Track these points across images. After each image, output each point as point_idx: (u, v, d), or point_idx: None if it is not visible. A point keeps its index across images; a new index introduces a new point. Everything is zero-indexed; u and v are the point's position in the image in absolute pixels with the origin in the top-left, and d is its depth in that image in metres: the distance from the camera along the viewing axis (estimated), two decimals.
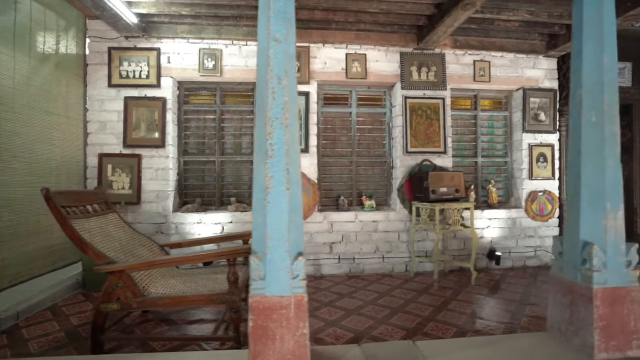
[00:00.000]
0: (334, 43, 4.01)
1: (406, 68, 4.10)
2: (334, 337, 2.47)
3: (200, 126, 4.15)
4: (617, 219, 1.75)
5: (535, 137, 4.34)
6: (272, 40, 1.59)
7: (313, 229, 3.97)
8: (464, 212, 4.00)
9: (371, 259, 4.05)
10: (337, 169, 4.26)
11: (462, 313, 2.89)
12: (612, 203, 1.75)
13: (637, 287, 1.74)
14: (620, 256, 1.75)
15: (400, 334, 2.50)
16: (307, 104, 3.97)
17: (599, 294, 1.71)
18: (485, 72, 4.22)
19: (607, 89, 1.78)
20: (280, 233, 1.61)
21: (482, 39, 4.17)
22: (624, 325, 1.73)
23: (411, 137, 4.08)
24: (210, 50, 3.89)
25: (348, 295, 3.33)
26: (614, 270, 1.74)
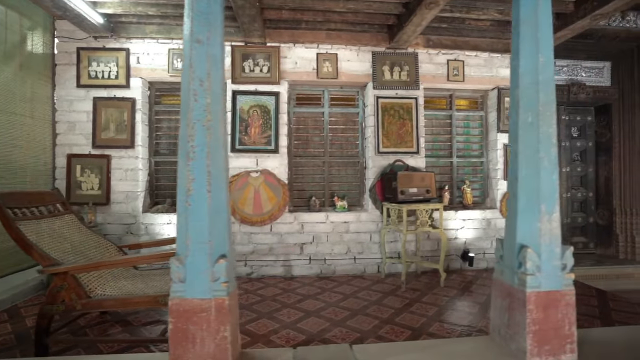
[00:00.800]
0: (304, 43, 3.98)
1: (378, 67, 4.07)
2: (286, 339, 2.45)
3: (172, 127, 4.14)
4: (552, 222, 1.71)
5: None
6: (194, 42, 1.57)
7: (283, 230, 3.95)
8: (436, 213, 3.98)
9: (342, 260, 4.02)
10: (310, 170, 4.24)
11: (423, 315, 2.85)
12: (547, 205, 1.71)
13: (572, 290, 1.70)
14: (555, 259, 1.71)
15: (353, 337, 2.47)
16: (277, 104, 3.95)
17: (532, 297, 1.67)
18: (459, 72, 4.18)
19: (543, 89, 1.74)
20: (201, 235, 1.58)
21: (456, 38, 4.13)
22: (558, 330, 1.69)
23: (383, 137, 4.04)
24: (179, 50, 3.87)
25: (313, 297, 3.30)
26: (548, 274, 1.70)
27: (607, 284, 4.44)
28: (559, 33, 3.68)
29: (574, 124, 5.20)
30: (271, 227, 3.94)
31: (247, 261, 3.92)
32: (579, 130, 5.22)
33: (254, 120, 3.93)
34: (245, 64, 3.93)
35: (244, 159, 3.93)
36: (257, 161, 3.95)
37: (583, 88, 4.77)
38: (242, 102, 3.93)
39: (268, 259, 3.94)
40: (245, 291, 3.46)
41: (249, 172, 3.91)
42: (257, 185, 3.91)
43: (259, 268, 3.93)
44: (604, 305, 3.06)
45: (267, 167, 3.95)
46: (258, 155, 3.94)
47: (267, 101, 3.95)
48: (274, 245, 3.94)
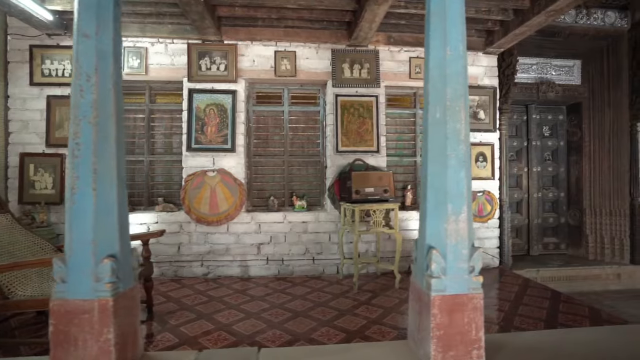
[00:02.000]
0: (262, 40, 3.93)
1: (338, 65, 4.01)
2: (216, 341, 2.39)
3: (131, 125, 4.09)
4: (459, 222, 1.65)
5: (475, 136, 4.23)
6: (82, 36, 1.51)
7: (240, 230, 3.90)
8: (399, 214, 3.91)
9: (301, 261, 3.96)
10: (270, 169, 4.18)
11: (365, 318, 2.79)
12: (454, 205, 1.65)
13: (480, 294, 1.64)
14: (461, 262, 1.65)
15: (284, 340, 2.41)
16: (234, 102, 3.90)
17: (437, 301, 1.61)
18: (421, 69, 4.11)
19: (450, 83, 1.68)
20: (84, 235, 1.53)
21: (418, 35, 4.06)
22: (465, 335, 1.63)
23: (342, 136, 3.99)
24: (135, 48, 3.83)
25: (261, 298, 3.25)
26: (454, 277, 1.64)
27: (574, 285, 4.38)
28: (517, 30, 3.62)
29: (545, 122, 5.13)
30: (228, 227, 3.89)
31: (203, 261, 3.87)
32: (551, 130, 5.15)
33: (211, 119, 3.88)
34: (201, 62, 3.88)
35: (200, 158, 3.88)
36: (213, 160, 3.90)
37: (552, 86, 4.70)
38: (198, 101, 3.88)
39: (225, 259, 3.88)
40: (195, 292, 3.41)
41: (205, 171, 3.86)
42: (213, 185, 3.86)
43: (215, 268, 3.88)
44: (553, 308, 2.99)
45: (224, 166, 3.90)
46: (215, 154, 3.89)
47: (223, 100, 3.90)
48: (230, 246, 3.89)
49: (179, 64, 3.87)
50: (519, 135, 5.04)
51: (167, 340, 2.39)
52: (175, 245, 3.85)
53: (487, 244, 4.23)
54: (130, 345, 1.63)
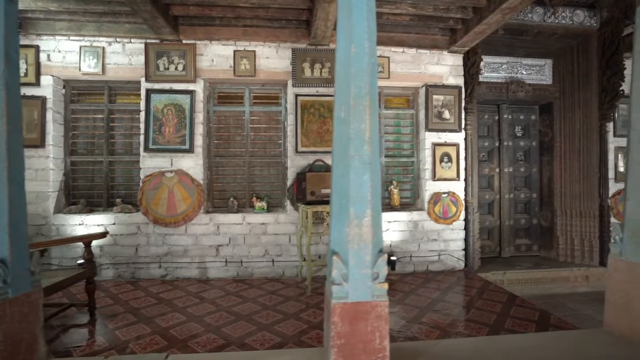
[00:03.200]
0: (220, 40, 3.88)
1: (298, 65, 3.96)
2: (146, 345, 2.35)
3: (90, 126, 4.06)
4: (362, 227, 1.60)
5: (440, 136, 4.17)
6: None
7: (199, 231, 3.85)
8: None
9: (260, 263, 3.91)
10: (231, 170, 4.14)
11: (307, 322, 2.74)
12: (356, 208, 1.59)
13: (384, 301, 1.59)
14: (364, 268, 1.59)
15: (217, 344, 2.37)
16: (193, 103, 3.85)
17: (337, 309, 1.56)
18: (384, 68, 4.06)
19: (355, 82, 1.62)
20: None
21: (379, 33, 4.00)
22: (368, 344, 1.58)
23: (302, 136, 3.94)
24: (92, 47, 3.79)
25: (210, 301, 3.20)
26: (357, 283, 1.58)
27: (541, 287, 4.31)
28: (477, 28, 3.55)
29: (518, 122, 5.06)
30: (186, 229, 3.85)
31: (161, 263, 3.83)
32: (523, 130, 5.08)
33: (169, 119, 3.84)
34: (159, 62, 3.83)
35: (158, 158, 3.84)
36: (171, 161, 3.85)
37: (522, 86, 4.63)
38: (156, 101, 3.84)
39: (183, 261, 3.84)
40: (147, 294, 3.37)
41: (163, 172, 3.82)
42: (171, 186, 3.82)
43: (173, 270, 3.84)
44: (504, 312, 2.93)
45: (182, 167, 3.85)
46: (173, 155, 3.85)
47: (182, 100, 3.86)
48: (189, 247, 3.85)
49: (136, 64, 3.83)
50: (490, 136, 4.97)
51: (96, 345, 2.35)
52: (132, 246, 3.82)
53: (452, 246, 4.17)
54: (24, 353, 1.58)
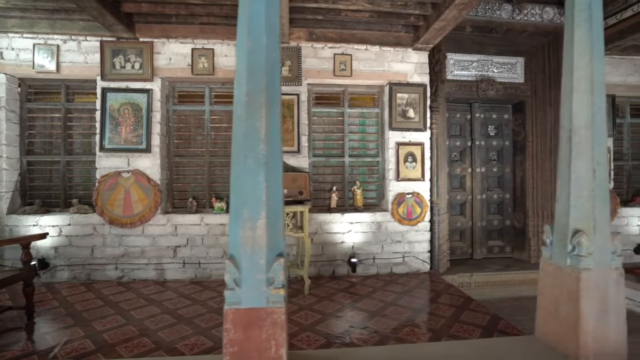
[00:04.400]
0: (177, 38, 3.81)
1: None
2: (72, 350, 2.28)
3: (47, 125, 4.00)
4: (256, 229, 1.52)
5: (404, 135, 4.08)
6: None
7: (156, 232, 3.79)
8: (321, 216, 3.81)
9: (219, 264, 3.84)
10: (192, 170, 4.07)
11: None
12: (250, 211, 1.52)
13: (281, 308, 1.51)
14: (259, 272, 1.52)
15: (146, 349, 2.30)
16: (150, 102, 3.79)
17: (230, 315, 1.49)
18: (346, 66, 3.98)
19: (251, 77, 1.56)
20: None
21: (342, 31, 3.93)
22: (263, 352, 1.50)
23: None
24: (46, 45, 3.73)
25: (158, 303, 3.13)
26: (251, 289, 1.51)
27: (510, 290, 4.22)
28: (436, 24, 3.46)
29: (491, 121, 4.96)
30: (143, 229, 3.78)
31: (117, 264, 3.77)
32: (496, 129, 4.98)
33: (125, 118, 3.78)
34: (115, 60, 3.77)
35: (114, 158, 3.77)
36: (128, 161, 3.79)
37: (492, 84, 4.53)
38: (112, 100, 3.77)
39: (140, 262, 3.78)
40: (97, 296, 3.30)
41: (119, 172, 3.75)
42: (127, 186, 3.75)
43: (130, 271, 3.77)
44: (454, 317, 2.84)
45: (139, 167, 3.79)
46: (129, 154, 3.78)
47: (139, 99, 3.79)
48: (146, 248, 3.78)
49: (92, 62, 3.77)
50: (462, 135, 4.87)
51: (19, 350, 2.29)
52: (88, 247, 3.75)
53: (417, 248, 4.08)
54: None
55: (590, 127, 1.77)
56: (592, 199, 1.74)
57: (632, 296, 3.72)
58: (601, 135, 1.78)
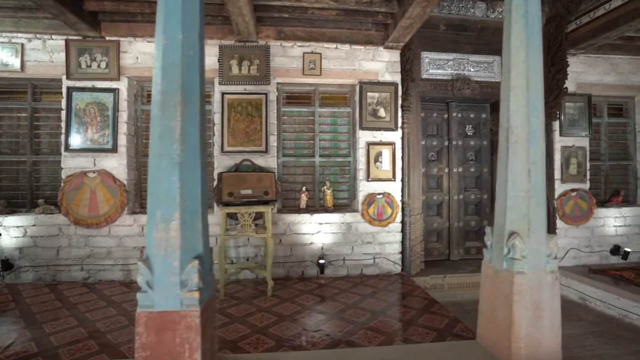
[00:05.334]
0: (144, 37, 3.78)
1: (225, 62, 3.84)
2: (11, 352, 2.25)
3: (14, 124, 3.97)
4: (169, 231, 1.48)
5: (374, 135, 4.03)
6: None
7: (122, 233, 3.75)
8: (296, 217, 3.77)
9: None
10: None
11: None
12: (163, 211, 1.48)
13: (195, 311, 1.47)
14: (172, 275, 1.47)
15: (89, 352, 2.26)
16: (116, 101, 3.75)
17: (142, 318, 1.45)
18: (316, 65, 3.93)
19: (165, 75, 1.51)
20: None
21: (311, 29, 3.88)
22: (176, 357, 1.46)
23: (229, 135, 3.82)
24: (10, 44, 3.70)
25: (116, 305, 3.10)
26: (164, 291, 1.47)
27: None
28: (402, 22, 3.41)
29: (468, 121, 4.90)
30: (109, 230, 3.74)
31: (83, 265, 3.73)
32: (474, 128, 4.93)
33: (91, 118, 3.74)
34: (81, 59, 3.73)
35: (80, 158, 3.74)
36: (94, 161, 3.75)
37: (467, 83, 4.47)
38: (77, 99, 3.74)
39: (106, 263, 3.74)
40: (58, 297, 3.26)
41: (85, 172, 3.72)
42: (93, 186, 3.72)
43: (96, 272, 3.74)
44: (414, 320, 2.79)
45: (105, 167, 3.75)
46: (95, 154, 3.75)
47: (105, 98, 3.75)
48: (112, 249, 3.75)
49: (58, 61, 3.74)
50: (439, 135, 4.82)
51: None
52: (53, 248, 3.72)
53: (388, 249, 4.03)
54: None
55: (526, 126, 1.72)
56: (527, 200, 1.69)
57: (603, 298, 3.66)
58: (537, 135, 1.73)
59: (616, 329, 3.31)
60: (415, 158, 4.19)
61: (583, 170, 4.37)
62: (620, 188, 4.66)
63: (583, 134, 4.38)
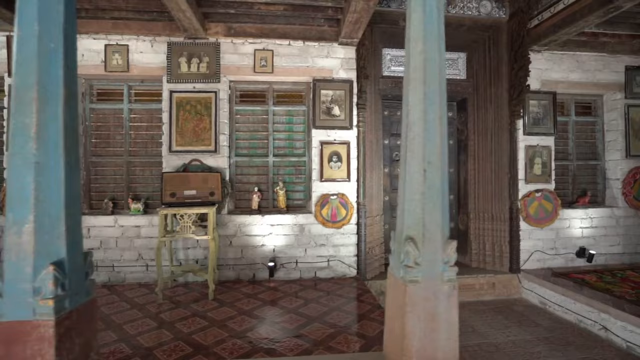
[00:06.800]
0: (89, 33, 3.69)
1: (174, 59, 3.74)
2: None
3: None
4: (22, 234, 1.37)
5: (328, 134, 3.92)
6: None
7: None
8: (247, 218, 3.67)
9: (133, 267, 3.71)
10: (111, 170, 3.94)
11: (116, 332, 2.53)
12: (15, 214, 1.37)
13: (49, 321, 1.37)
14: (24, 282, 1.37)
15: None
16: None
17: None
18: (267, 62, 3.83)
19: (18, 71, 1.41)
20: None
21: (261, 25, 3.78)
22: None
23: (177, 134, 3.72)
24: None
25: None
26: (14, 300, 1.37)
27: None
28: (349, 17, 3.30)
29: None
30: None
31: None
32: None
33: None
34: None
35: None
36: None
37: None
38: None
39: None
40: None
41: None
42: None
43: None
44: (345, 328, 2.68)
45: None
46: None
47: None
48: None
49: (0, 59, 3.66)
50: None
51: None
52: None
53: (343, 251, 3.92)
54: None
55: (423, 122, 1.61)
56: (423, 202, 1.58)
57: (561, 302, 3.54)
58: (433, 131, 1.62)
59: (570, 334, 3.18)
60: (375, 157, 4.07)
61: (548, 170, 4.23)
62: (588, 188, 4.52)
63: (548, 132, 4.25)
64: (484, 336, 3.17)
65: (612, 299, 3.21)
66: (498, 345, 3.00)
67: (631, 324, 2.84)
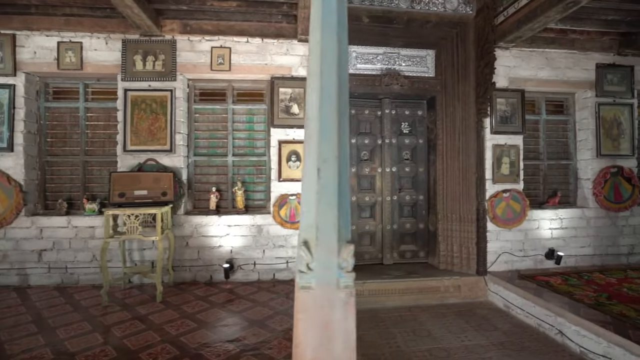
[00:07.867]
0: (40, 30, 3.62)
1: (129, 57, 3.67)
2: None
3: None
4: None
5: (287, 133, 3.84)
6: None
7: (19, 235, 3.60)
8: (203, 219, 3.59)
9: (87, 269, 3.64)
10: (67, 170, 3.88)
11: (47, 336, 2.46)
12: None
13: None
14: None
15: None
16: (12, 98, 3.60)
17: None
18: (224, 60, 3.75)
19: None
20: None
21: (218, 22, 3.70)
22: None
23: (132, 134, 3.65)
24: None
25: None
26: None
27: (407, 299, 3.94)
28: (301, 12, 3.22)
29: (404, 118, 4.68)
30: (5, 233, 3.59)
31: None
32: (410, 126, 4.70)
33: None
34: None
35: None
36: None
37: (396, 78, 4.25)
38: None
39: (1, 267, 3.59)
40: None
41: None
42: None
43: None
44: (285, 332, 2.60)
45: (1, 167, 3.60)
46: None
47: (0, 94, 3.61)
48: (8, 252, 3.60)
49: None
50: (372, 133, 4.61)
51: None
52: None
53: None
54: None
55: (318, 116, 1.52)
56: (317, 202, 1.49)
57: (522, 306, 3.44)
58: (329, 127, 1.52)
59: (526, 339, 3.08)
60: None
61: (516, 170, 4.13)
62: (560, 188, 4.41)
63: (516, 131, 4.14)
64: (438, 341, 3.07)
65: (570, 302, 3.10)
66: (449, 351, 2.90)
67: (584, 328, 2.74)
